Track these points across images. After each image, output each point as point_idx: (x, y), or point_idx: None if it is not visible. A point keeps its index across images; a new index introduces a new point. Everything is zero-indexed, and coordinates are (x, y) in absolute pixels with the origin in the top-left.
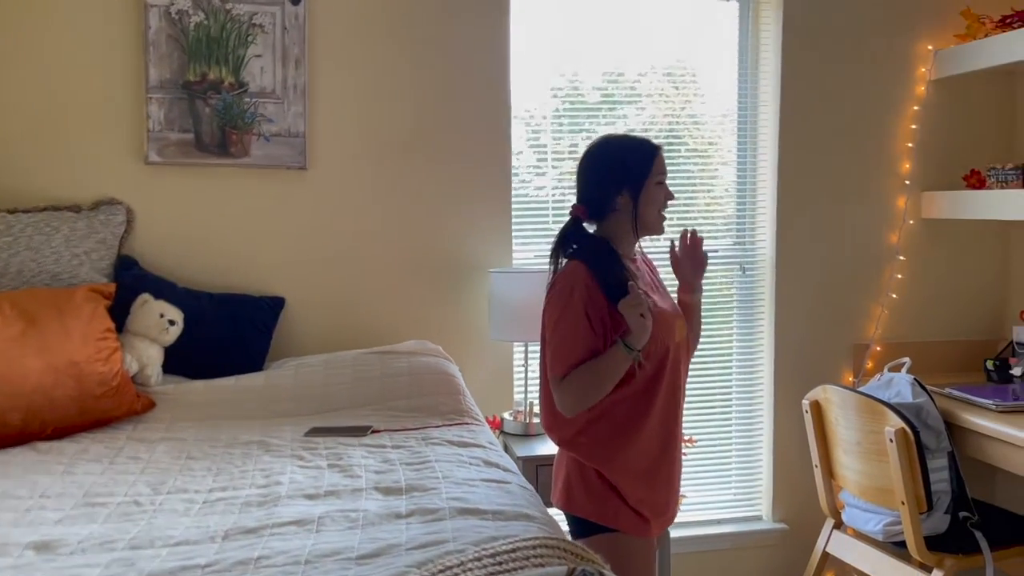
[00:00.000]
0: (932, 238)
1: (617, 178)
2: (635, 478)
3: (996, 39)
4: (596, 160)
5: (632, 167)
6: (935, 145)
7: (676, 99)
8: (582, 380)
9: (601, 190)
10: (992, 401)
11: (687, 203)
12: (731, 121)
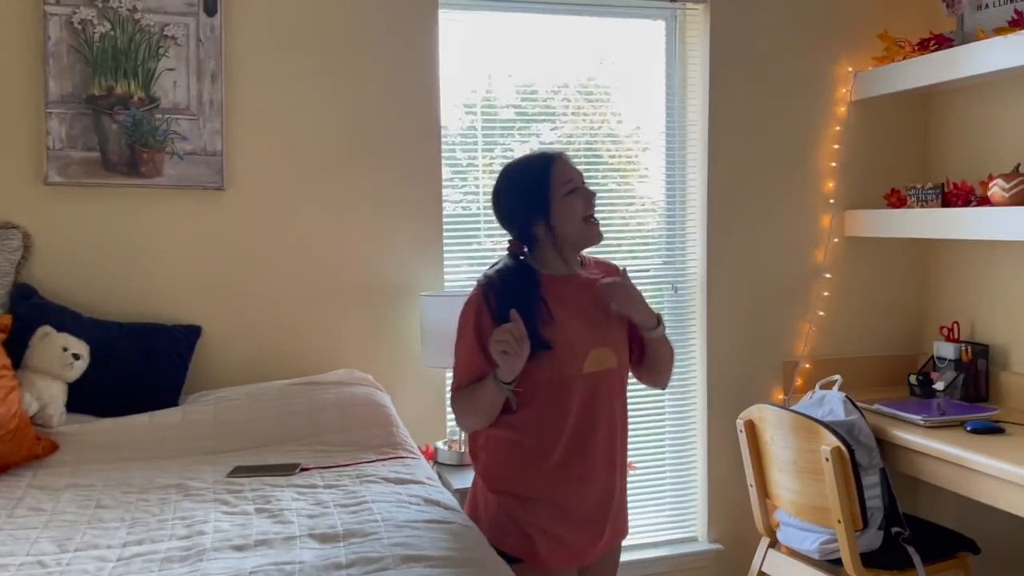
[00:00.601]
0: (856, 256)
1: (522, 212)
2: (531, 504)
3: (911, 62)
4: (499, 199)
5: (530, 193)
6: (857, 165)
7: (593, 116)
8: (462, 404)
9: (516, 227)
10: (920, 417)
11: (612, 221)
12: (660, 139)
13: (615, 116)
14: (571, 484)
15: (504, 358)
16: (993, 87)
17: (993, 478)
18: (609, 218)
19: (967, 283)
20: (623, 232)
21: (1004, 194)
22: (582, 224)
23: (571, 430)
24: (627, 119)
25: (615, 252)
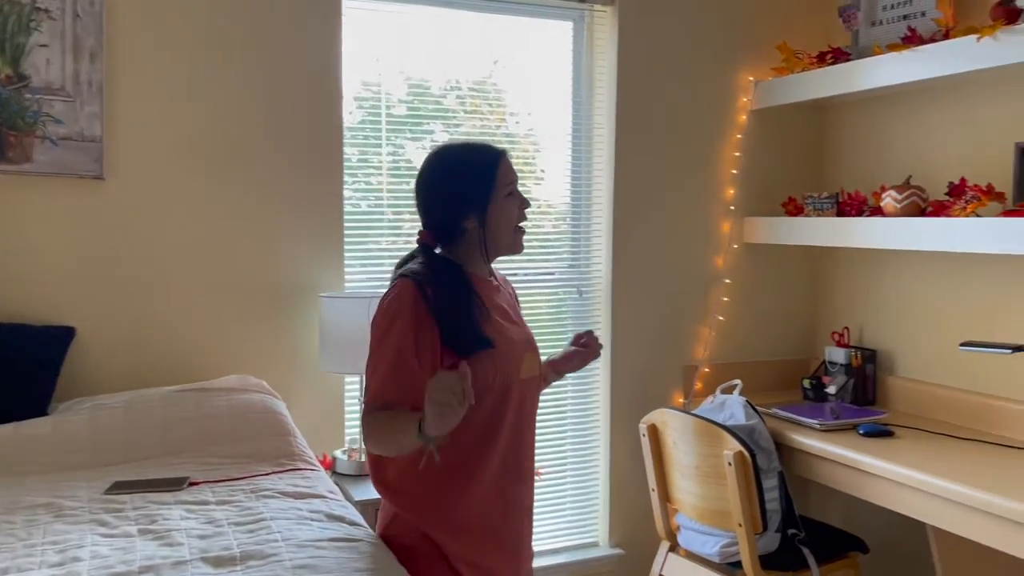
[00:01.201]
0: (753, 262)
1: (459, 200)
2: (463, 535)
3: (810, 74)
4: (432, 180)
5: (473, 184)
6: (756, 172)
7: (490, 115)
8: (378, 427)
9: (444, 215)
10: (816, 421)
11: None
12: (566, 141)
13: (513, 116)
14: (508, 506)
15: (441, 415)
16: (886, 100)
17: (886, 480)
18: None
19: (856, 290)
20: (535, 236)
21: (897, 205)
22: (512, 232)
23: (504, 444)
24: (528, 119)
25: None
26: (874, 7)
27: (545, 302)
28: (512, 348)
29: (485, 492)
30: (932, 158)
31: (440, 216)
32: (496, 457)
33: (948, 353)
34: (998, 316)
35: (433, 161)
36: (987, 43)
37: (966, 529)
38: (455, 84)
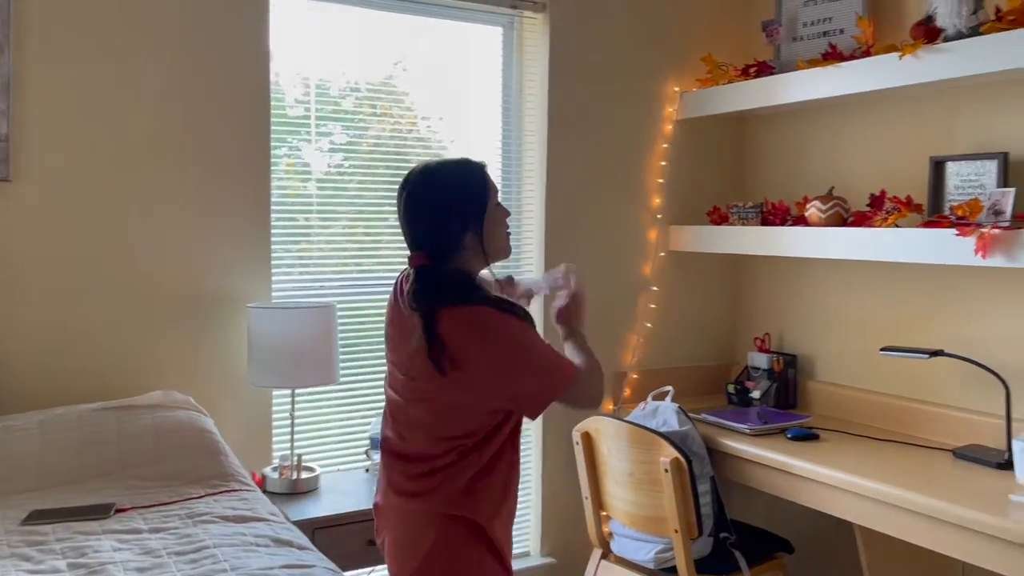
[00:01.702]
0: (679, 269)
1: (459, 219)
2: (511, 523)
3: (734, 86)
4: (429, 204)
5: (471, 201)
6: (682, 182)
7: (400, 118)
8: (589, 374)
9: (444, 235)
10: (746, 426)
11: None
12: (495, 147)
13: (425, 120)
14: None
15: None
16: (808, 113)
17: (815, 482)
18: None
19: (777, 297)
20: None
21: (821, 215)
22: (504, 236)
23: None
24: (452, 122)
25: None
26: (795, 23)
27: None
28: None
29: (517, 485)
30: (853, 170)
31: (440, 237)
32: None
33: (869, 358)
34: (917, 323)
35: (423, 184)
36: (909, 61)
37: (891, 527)
38: (354, 86)
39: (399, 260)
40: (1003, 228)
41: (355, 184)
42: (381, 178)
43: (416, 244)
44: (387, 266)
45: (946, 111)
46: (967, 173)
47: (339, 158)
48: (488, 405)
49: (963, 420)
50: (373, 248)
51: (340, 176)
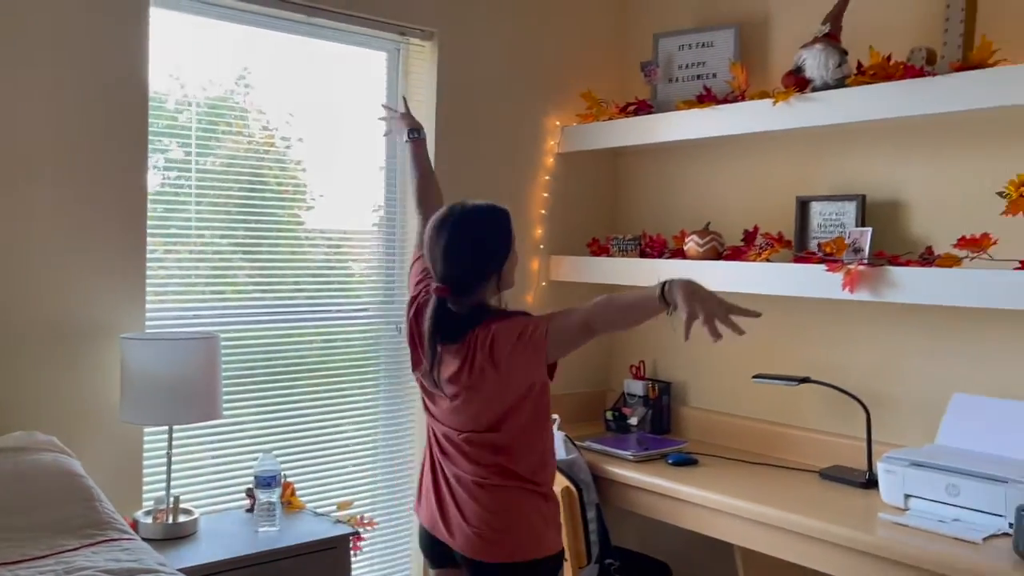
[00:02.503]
0: (560, 299)
1: (493, 265)
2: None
3: (612, 123)
4: (469, 249)
5: (503, 249)
6: (562, 213)
7: (258, 137)
8: (618, 306)
9: (473, 277)
10: (629, 452)
11: (315, 255)
12: (377, 172)
13: (285, 140)
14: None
15: (700, 299)
16: (685, 151)
17: (697, 506)
18: (311, 252)
19: (651, 326)
20: (329, 268)
21: (699, 248)
22: (513, 276)
23: None
24: (321, 144)
25: (325, 289)
26: (671, 65)
27: (359, 339)
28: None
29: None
30: (726, 206)
31: (471, 278)
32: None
33: (741, 385)
34: (785, 351)
35: (464, 229)
36: (781, 107)
37: (768, 546)
38: (191, 100)
39: (285, 288)
40: (868, 265)
41: (209, 202)
42: (232, 198)
43: (444, 279)
44: (274, 294)
45: (811, 154)
46: (829, 212)
47: (193, 173)
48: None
49: (827, 443)
50: (258, 274)
51: (182, 193)
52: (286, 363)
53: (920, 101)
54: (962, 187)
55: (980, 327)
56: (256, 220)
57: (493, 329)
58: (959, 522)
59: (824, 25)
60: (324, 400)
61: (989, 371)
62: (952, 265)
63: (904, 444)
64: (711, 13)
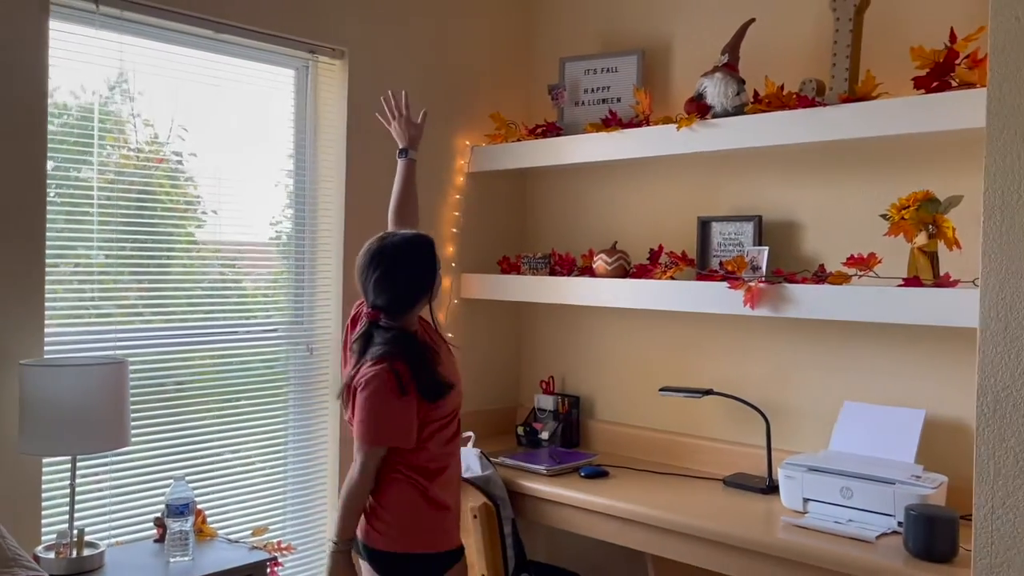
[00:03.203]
0: (472, 316)
1: (422, 293)
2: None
3: (520, 144)
4: (399, 279)
5: (431, 272)
6: (473, 232)
7: (148, 153)
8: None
9: (403, 305)
10: (543, 466)
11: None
12: (282, 191)
13: (177, 156)
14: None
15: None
16: (589, 172)
17: (610, 517)
18: (217, 271)
19: (560, 342)
20: (238, 288)
21: (607, 267)
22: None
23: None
24: (220, 161)
25: (234, 310)
26: (577, 89)
27: (270, 360)
28: (451, 372)
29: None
30: (632, 225)
31: (400, 306)
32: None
33: (648, 398)
34: (690, 365)
35: (393, 261)
36: (685, 131)
37: (679, 553)
38: (84, 113)
39: (192, 309)
40: (768, 283)
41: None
42: (128, 215)
43: (375, 307)
44: (179, 315)
45: (711, 177)
46: (728, 232)
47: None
48: None
49: (730, 451)
50: (162, 294)
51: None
52: (192, 387)
53: (814, 129)
54: (849, 209)
55: (867, 339)
56: (151, 237)
57: (362, 371)
58: (853, 522)
59: (723, 55)
60: (233, 424)
61: (875, 380)
62: (843, 282)
63: (801, 450)
64: (615, 39)
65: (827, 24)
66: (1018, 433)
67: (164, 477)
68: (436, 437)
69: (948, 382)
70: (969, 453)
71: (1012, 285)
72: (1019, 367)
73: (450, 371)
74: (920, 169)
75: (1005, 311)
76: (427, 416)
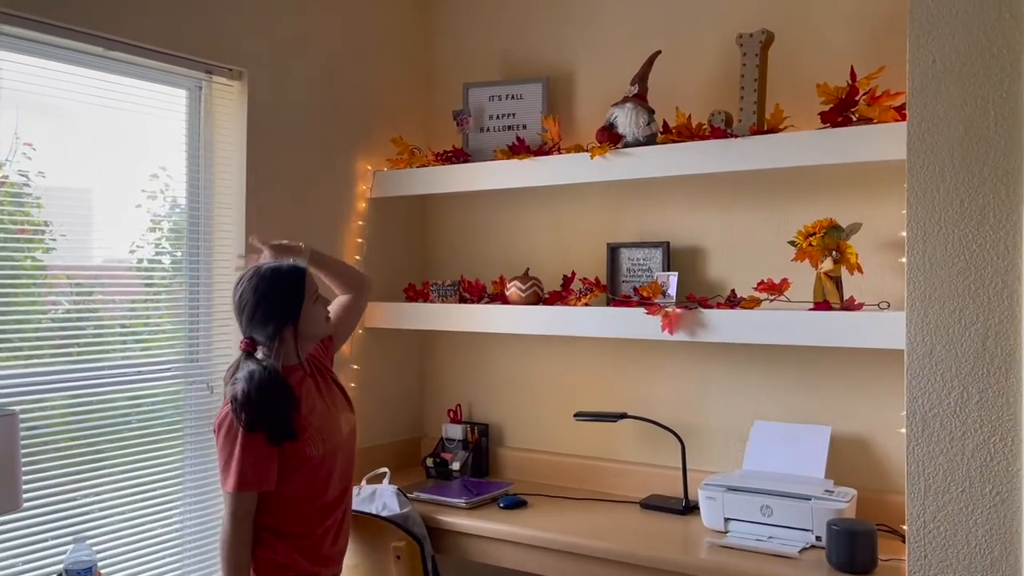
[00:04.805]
0: (377, 346)
1: (279, 317)
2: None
3: (427, 170)
4: (252, 305)
5: (287, 302)
6: (377, 259)
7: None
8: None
9: (264, 330)
10: (462, 500)
11: None
12: (176, 217)
13: (23, 175)
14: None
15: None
16: (497, 198)
17: (533, 548)
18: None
19: (467, 369)
20: (126, 325)
21: (521, 293)
22: (321, 324)
23: (336, 494)
24: (87, 182)
25: (123, 348)
26: (483, 115)
27: (163, 401)
28: (328, 416)
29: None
30: (542, 252)
31: (261, 331)
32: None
33: (562, 423)
34: (604, 389)
35: (248, 288)
36: (598, 160)
37: None
38: None
39: (74, 349)
40: (684, 308)
41: None
42: None
43: (244, 335)
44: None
45: (620, 204)
46: (637, 258)
47: None
48: None
49: (646, 473)
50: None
51: None
52: (76, 435)
53: (726, 160)
54: (752, 235)
55: (774, 360)
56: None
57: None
58: (775, 539)
59: (632, 86)
60: (126, 473)
61: (783, 399)
62: (754, 306)
63: (715, 470)
64: (519, 66)
65: (730, 57)
66: (946, 451)
67: (58, 538)
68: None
69: (851, 399)
70: (874, 466)
71: (935, 311)
72: (944, 388)
73: (321, 413)
74: (820, 198)
75: (930, 335)
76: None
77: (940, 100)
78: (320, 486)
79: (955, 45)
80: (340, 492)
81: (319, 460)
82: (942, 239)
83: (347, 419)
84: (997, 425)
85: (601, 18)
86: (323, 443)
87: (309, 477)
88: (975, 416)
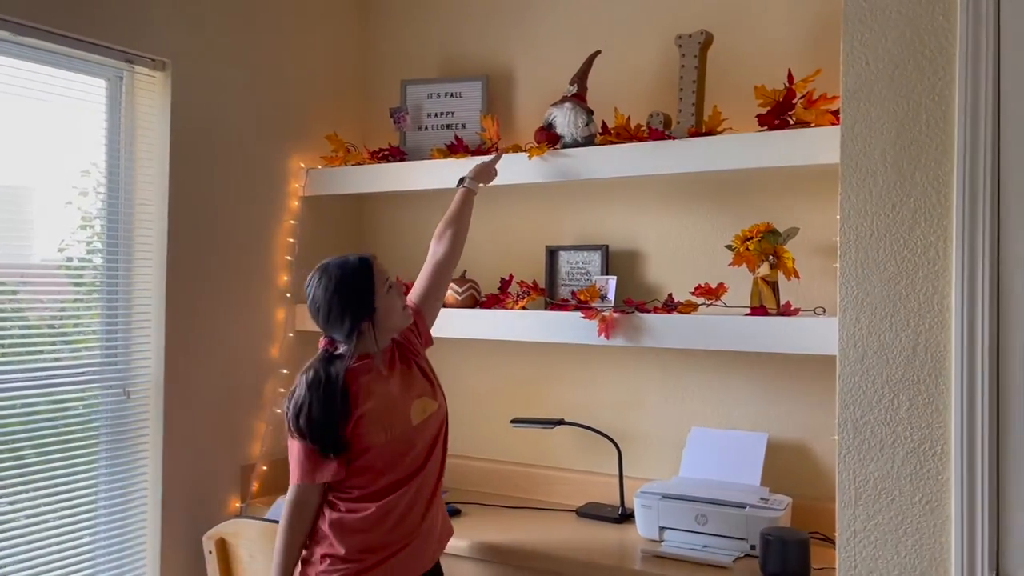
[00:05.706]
0: (307, 349)
1: (353, 314)
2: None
3: (361, 168)
4: (323, 308)
5: (360, 298)
6: (309, 259)
7: None
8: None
9: (342, 327)
10: None
11: None
12: (88, 214)
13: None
14: (421, 535)
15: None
16: (433, 198)
17: (464, 558)
18: None
19: None
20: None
21: (458, 296)
22: (399, 313)
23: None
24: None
25: (17, 343)
26: (420, 113)
27: (75, 407)
28: (395, 405)
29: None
30: (479, 254)
31: (339, 331)
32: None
33: (497, 430)
34: (540, 395)
35: (318, 290)
36: (536, 161)
37: None
38: None
39: None
40: (620, 313)
41: None
42: None
43: (324, 332)
44: None
45: (558, 206)
46: (576, 261)
47: None
48: None
49: (582, 480)
50: None
51: None
52: None
53: (664, 161)
54: (691, 239)
55: (711, 365)
56: None
57: None
58: (709, 548)
59: (572, 86)
60: (32, 485)
61: (720, 406)
62: (692, 311)
63: (652, 477)
64: (458, 64)
65: (670, 59)
66: (877, 459)
67: None
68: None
69: (788, 405)
70: (809, 473)
71: (867, 316)
72: (875, 395)
73: (385, 401)
74: (758, 202)
75: (861, 341)
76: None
77: (873, 103)
78: (389, 465)
79: (888, 47)
80: (414, 470)
81: (382, 447)
82: (874, 244)
83: (423, 405)
84: (927, 432)
85: (541, 17)
86: (385, 431)
87: (376, 457)
88: (905, 423)
